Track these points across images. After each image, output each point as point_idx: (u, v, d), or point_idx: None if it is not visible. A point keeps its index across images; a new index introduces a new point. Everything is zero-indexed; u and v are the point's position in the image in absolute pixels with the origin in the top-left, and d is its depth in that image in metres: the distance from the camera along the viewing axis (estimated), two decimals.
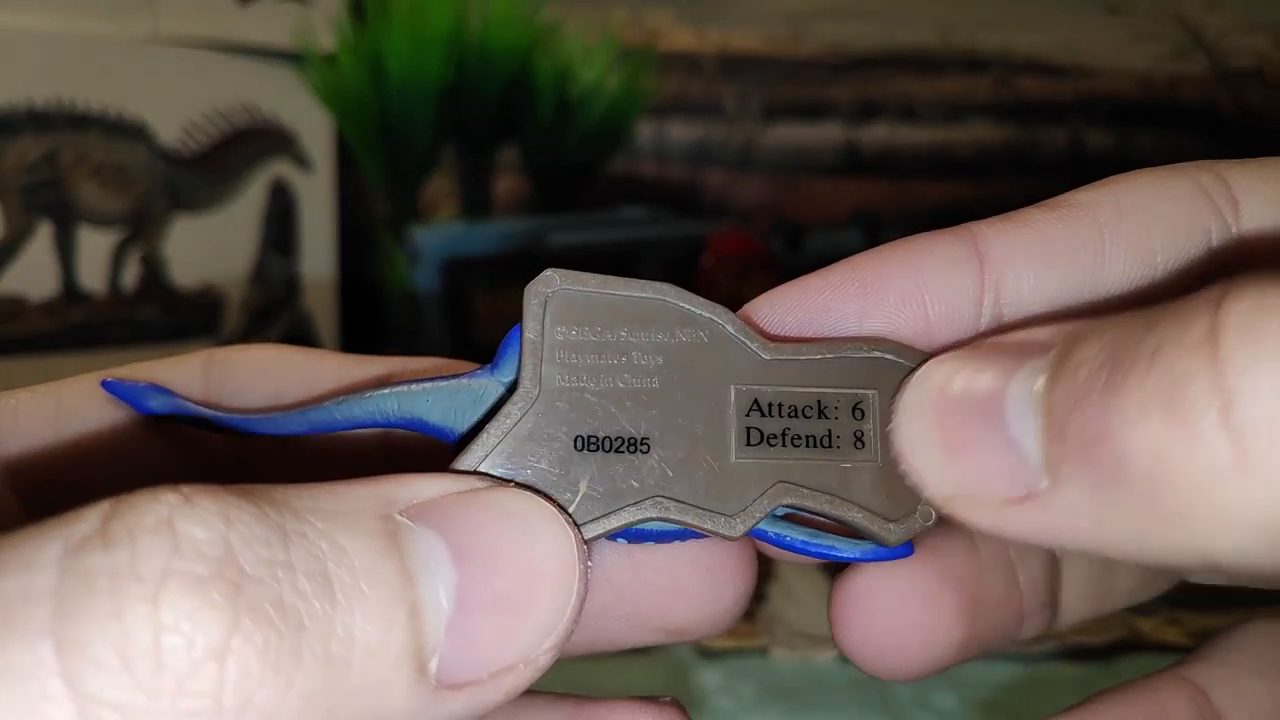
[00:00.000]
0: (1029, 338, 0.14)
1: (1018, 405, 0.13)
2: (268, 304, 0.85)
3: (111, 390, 0.18)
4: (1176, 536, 0.11)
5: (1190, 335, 0.11)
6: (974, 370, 0.14)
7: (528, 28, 0.82)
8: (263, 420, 0.17)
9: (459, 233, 0.77)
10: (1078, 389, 0.12)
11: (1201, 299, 0.11)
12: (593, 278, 0.16)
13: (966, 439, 0.14)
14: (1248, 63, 1.11)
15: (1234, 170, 0.16)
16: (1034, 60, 1.08)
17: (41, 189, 0.76)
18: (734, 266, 0.81)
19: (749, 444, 0.16)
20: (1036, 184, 1.09)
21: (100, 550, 0.10)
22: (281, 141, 0.85)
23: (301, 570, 0.11)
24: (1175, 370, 0.11)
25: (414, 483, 0.13)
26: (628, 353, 0.16)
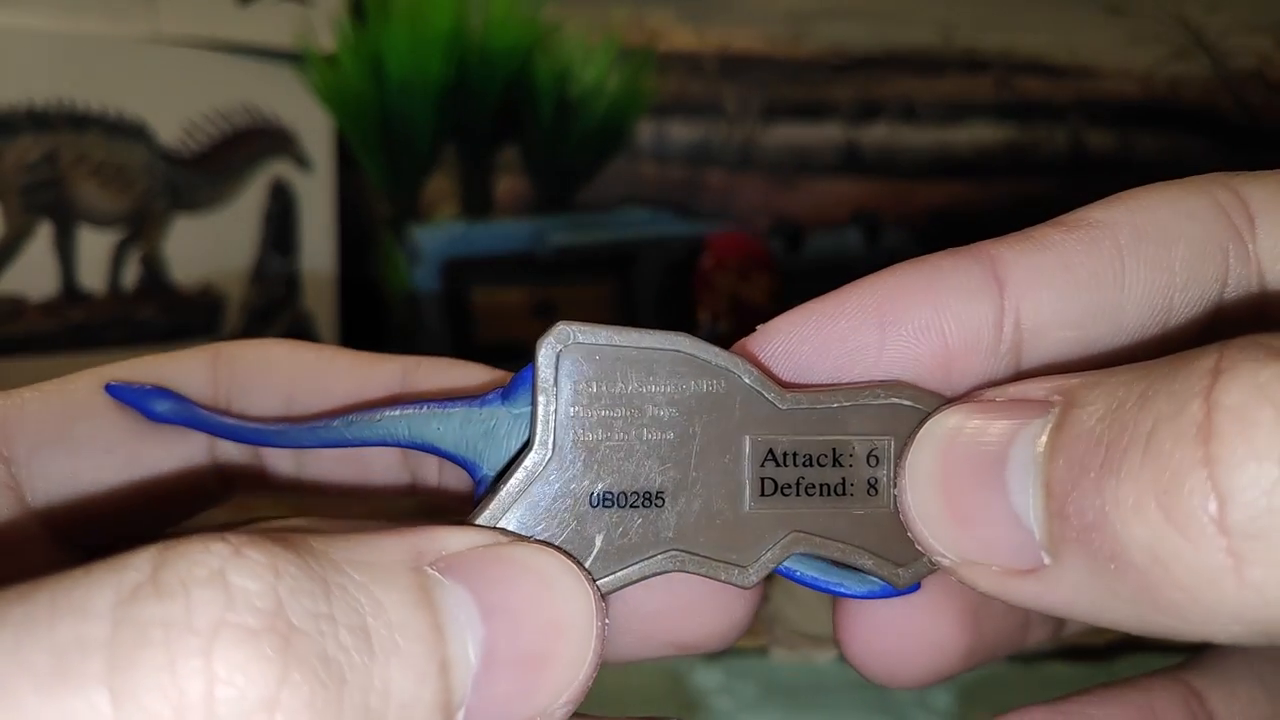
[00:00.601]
0: (1026, 394, 0.14)
1: (1018, 475, 0.13)
2: (268, 304, 0.85)
3: (116, 395, 0.17)
4: (1173, 625, 0.11)
5: (1184, 421, 0.11)
6: (975, 433, 0.14)
7: (528, 28, 0.82)
8: (273, 433, 0.17)
9: (459, 232, 0.77)
10: (1075, 466, 0.12)
11: (1195, 371, 0.11)
12: (605, 329, 0.16)
13: (971, 510, 0.14)
14: (1249, 63, 1.11)
15: (1250, 186, 0.16)
16: (1035, 60, 1.08)
17: (41, 189, 0.76)
18: (734, 267, 0.81)
19: (763, 494, 0.16)
20: (1037, 184, 1.09)
21: (153, 600, 0.10)
22: (282, 141, 0.85)
23: (344, 623, 0.11)
24: (1170, 463, 0.11)
25: (443, 536, 0.13)
26: (642, 405, 0.16)
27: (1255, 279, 0.16)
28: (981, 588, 0.14)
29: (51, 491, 0.18)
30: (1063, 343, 0.16)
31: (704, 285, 0.80)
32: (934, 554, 0.14)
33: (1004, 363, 0.16)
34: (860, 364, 0.16)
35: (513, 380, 0.17)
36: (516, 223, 0.81)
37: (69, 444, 0.18)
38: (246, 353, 0.19)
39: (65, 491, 0.18)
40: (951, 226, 1.08)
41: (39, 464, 0.18)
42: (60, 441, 0.18)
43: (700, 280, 0.80)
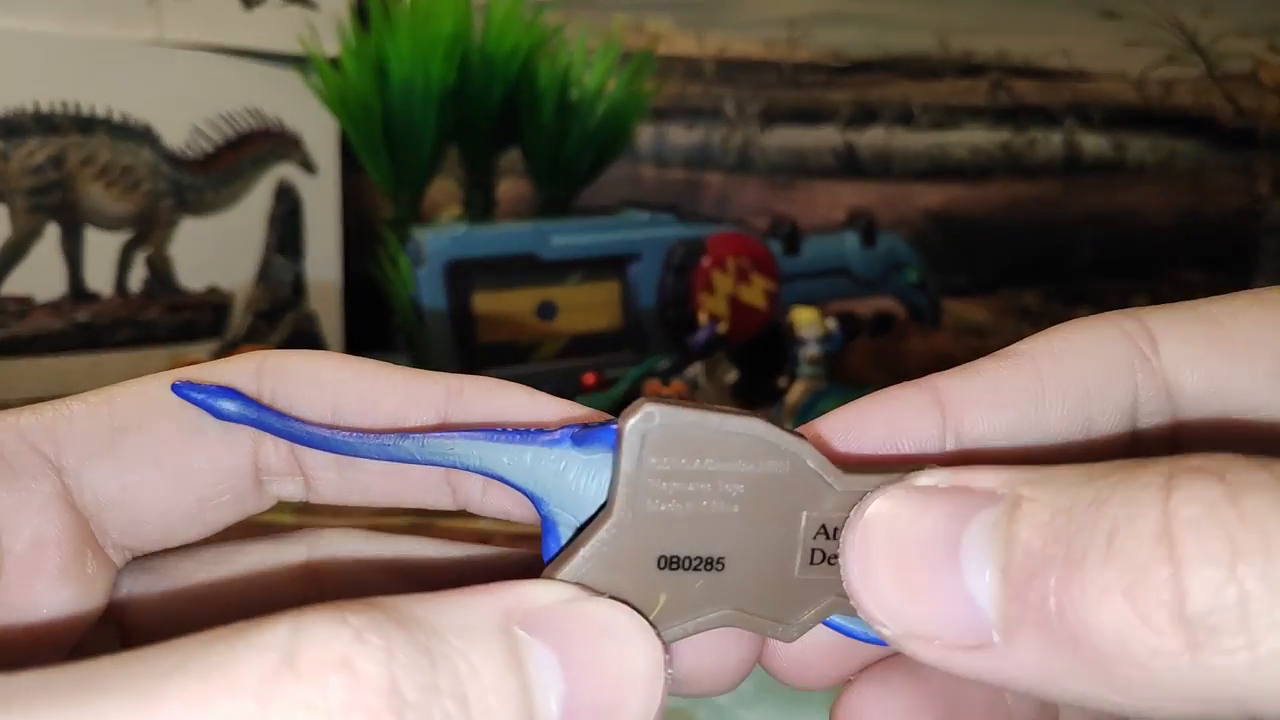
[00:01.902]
0: (970, 483, 0.15)
1: (973, 560, 0.14)
2: (273, 305, 0.86)
3: (183, 394, 0.18)
4: (1125, 701, 0.13)
5: (1144, 527, 0.13)
6: (927, 515, 0.15)
7: (529, 32, 0.82)
8: (342, 443, 0.18)
9: (461, 234, 0.78)
10: (1035, 558, 0.13)
11: (1149, 484, 0.13)
12: (689, 412, 0.17)
13: (920, 586, 0.15)
14: (1242, 66, 1.11)
15: (1153, 315, 0.19)
16: (1030, 64, 1.09)
17: (48, 191, 0.77)
18: (732, 268, 0.82)
19: (812, 563, 0.18)
20: (1032, 187, 1.10)
21: (293, 683, 0.12)
22: (286, 144, 0.85)
23: (447, 692, 0.13)
24: (1134, 562, 0.12)
25: (528, 592, 0.15)
26: (714, 480, 0.17)
27: (1163, 390, 0.18)
28: (923, 658, 0.15)
29: (100, 501, 0.18)
30: (998, 455, 0.18)
31: (703, 286, 0.81)
32: (877, 625, 0.16)
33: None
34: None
35: (588, 432, 0.18)
36: (518, 225, 0.82)
37: (117, 455, 0.18)
38: (292, 363, 0.19)
39: (112, 501, 0.18)
40: (947, 228, 1.09)
41: (86, 475, 0.18)
42: (108, 452, 0.18)
43: (699, 282, 0.81)
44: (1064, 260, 1.11)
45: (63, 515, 0.18)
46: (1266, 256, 1.13)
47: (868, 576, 0.16)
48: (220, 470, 0.19)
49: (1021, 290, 1.10)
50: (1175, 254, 1.12)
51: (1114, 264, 1.11)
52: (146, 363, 0.78)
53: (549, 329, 0.80)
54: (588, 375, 0.74)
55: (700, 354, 0.73)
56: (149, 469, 0.18)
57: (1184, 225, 1.12)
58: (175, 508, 0.19)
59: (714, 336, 0.73)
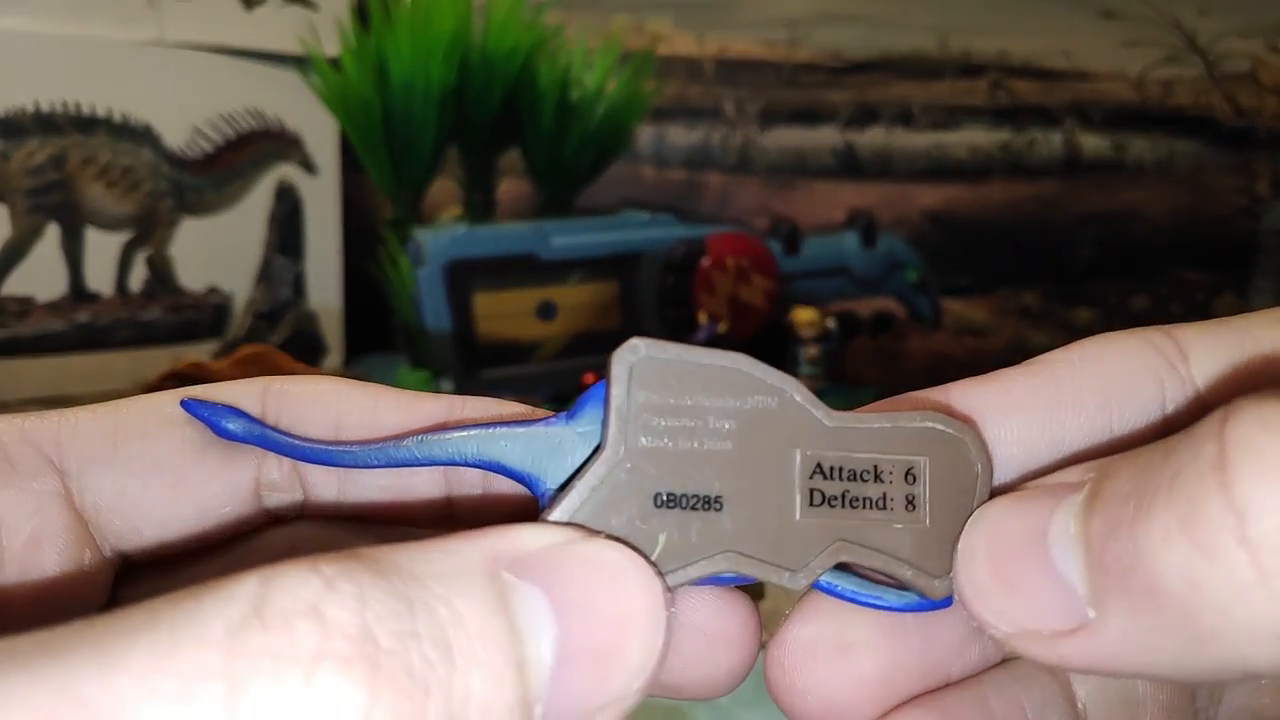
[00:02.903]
0: (1062, 479, 0.15)
1: (1060, 541, 0.14)
2: (273, 305, 0.86)
3: (191, 410, 0.18)
4: (1215, 654, 0.12)
5: (1201, 459, 0.12)
6: (1017, 513, 0.15)
7: (529, 32, 0.82)
8: (343, 454, 0.18)
9: (461, 234, 0.78)
10: (1111, 520, 0.13)
11: (1209, 422, 0.12)
12: (673, 346, 0.17)
13: (1017, 578, 0.15)
14: (1241, 66, 1.11)
15: (1181, 329, 0.18)
16: (1029, 64, 1.09)
17: (49, 191, 0.77)
18: (732, 268, 0.82)
19: (811, 504, 0.18)
20: (1032, 187, 1.10)
21: (260, 632, 0.11)
22: (287, 145, 0.86)
23: (426, 637, 0.12)
24: (1191, 494, 0.12)
25: (516, 535, 0.14)
26: (704, 416, 0.17)
27: (1194, 401, 0.18)
28: (1037, 656, 0.15)
29: (100, 505, 0.18)
30: (1011, 459, 0.18)
31: (703, 286, 0.81)
32: (990, 628, 0.16)
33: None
34: None
35: (577, 401, 0.18)
36: (518, 225, 0.82)
37: (118, 462, 0.18)
38: (296, 387, 0.19)
39: (112, 506, 0.18)
40: (947, 228, 1.09)
41: (89, 479, 0.18)
42: (109, 459, 0.18)
43: (699, 282, 0.81)
44: (1063, 260, 1.11)
45: (62, 515, 0.18)
46: (1266, 256, 1.13)
47: (972, 580, 0.16)
48: (221, 483, 0.19)
49: (1021, 290, 1.10)
50: (1175, 254, 1.12)
51: (1114, 264, 1.11)
52: (147, 363, 0.78)
53: (549, 329, 0.80)
54: (588, 375, 0.74)
55: None
56: (150, 477, 0.18)
57: (1183, 225, 1.13)
58: (174, 517, 0.19)
59: (714, 336, 0.73)
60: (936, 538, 0.18)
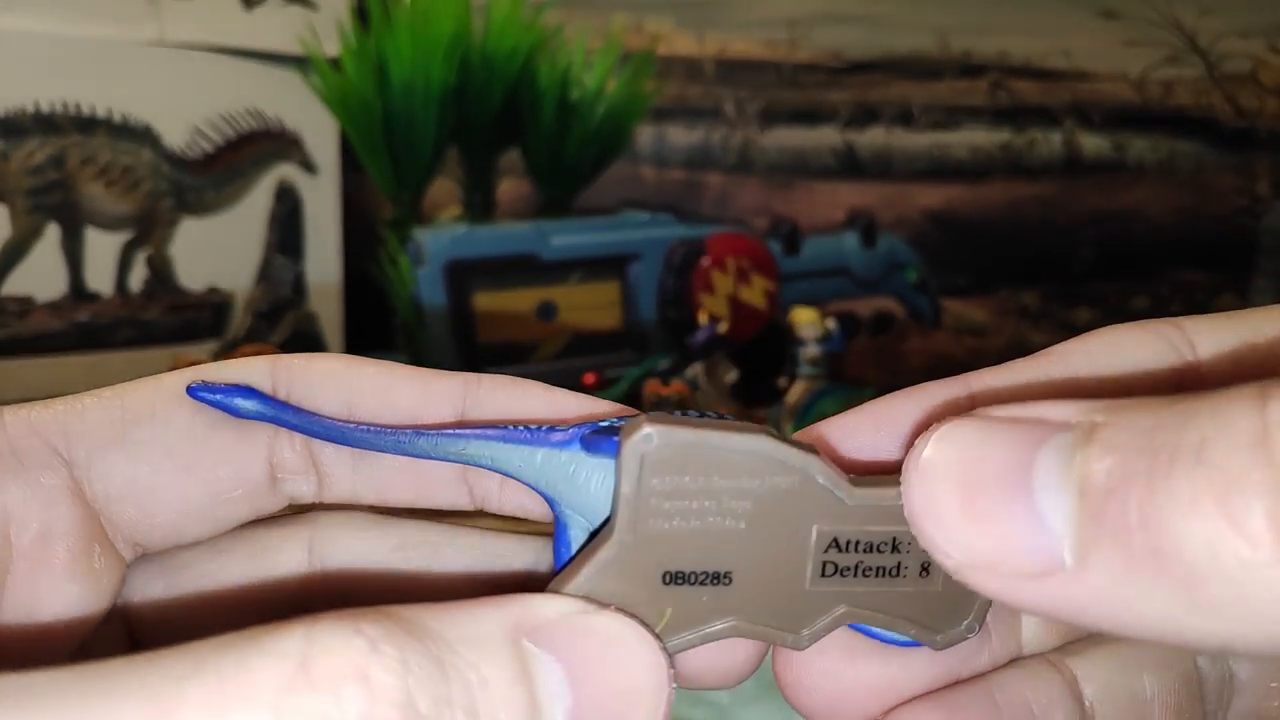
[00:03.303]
0: (1047, 413, 0.14)
1: (1047, 480, 0.14)
2: (273, 305, 0.86)
3: (198, 395, 0.18)
4: (1208, 624, 0.12)
5: (1237, 431, 0.12)
6: (1000, 439, 0.14)
7: (530, 32, 0.82)
8: (359, 435, 0.18)
9: (462, 234, 0.78)
10: (1116, 473, 0.13)
11: (1243, 397, 0.12)
12: (689, 431, 0.16)
13: (988, 510, 0.14)
14: (1242, 67, 1.11)
15: (1191, 321, 0.18)
16: (1030, 65, 1.09)
17: (49, 191, 0.77)
18: (732, 269, 0.82)
19: (823, 575, 0.17)
20: (1032, 187, 1.10)
21: (309, 694, 0.12)
22: (287, 145, 0.86)
23: (458, 704, 0.13)
24: (1228, 467, 0.12)
25: (536, 605, 0.15)
26: (719, 496, 0.17)
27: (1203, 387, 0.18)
28: (989, 591, 0.14)
29: (111, 494, 0.18)
30: None
31: (703, 287, 0.81)
32: (940, 553, 0.15)
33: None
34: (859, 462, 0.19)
35: (595, 439, 0.18)
36: (518, 225, 0.82)
37: (127, 448, 0.18)
38: (306, 364, 0.19)
39: (123, 494, 0.18)
40: (947, 228, 1.09)
41: (98, 467, 0.18)
42: (118, 445, 0.18)
43: (699, 282, 0.81)
44: (1064, 260, 1.11)
45: (72, 509, 0.18)
46: (1266, 256, 1.13)
47: (931, 502, 0.15)
48: (234, 465, 0.19)
49: (1021, 290, 1.10)
50: (1175, 254, 1.12)
51: (1114, 264, 1.11)
52: (147, 363, 0.78)
53: (549, 329, 0.80)
54: (588, 375, 0.74)
55: (700, 354, 0.73)
56: (161, 461, 0.18)
57: (1184, 225, 1.13)
58: (186, 502, 0.19)
59: (714, 336, 0.73)
60: (946, 600, 0.18)
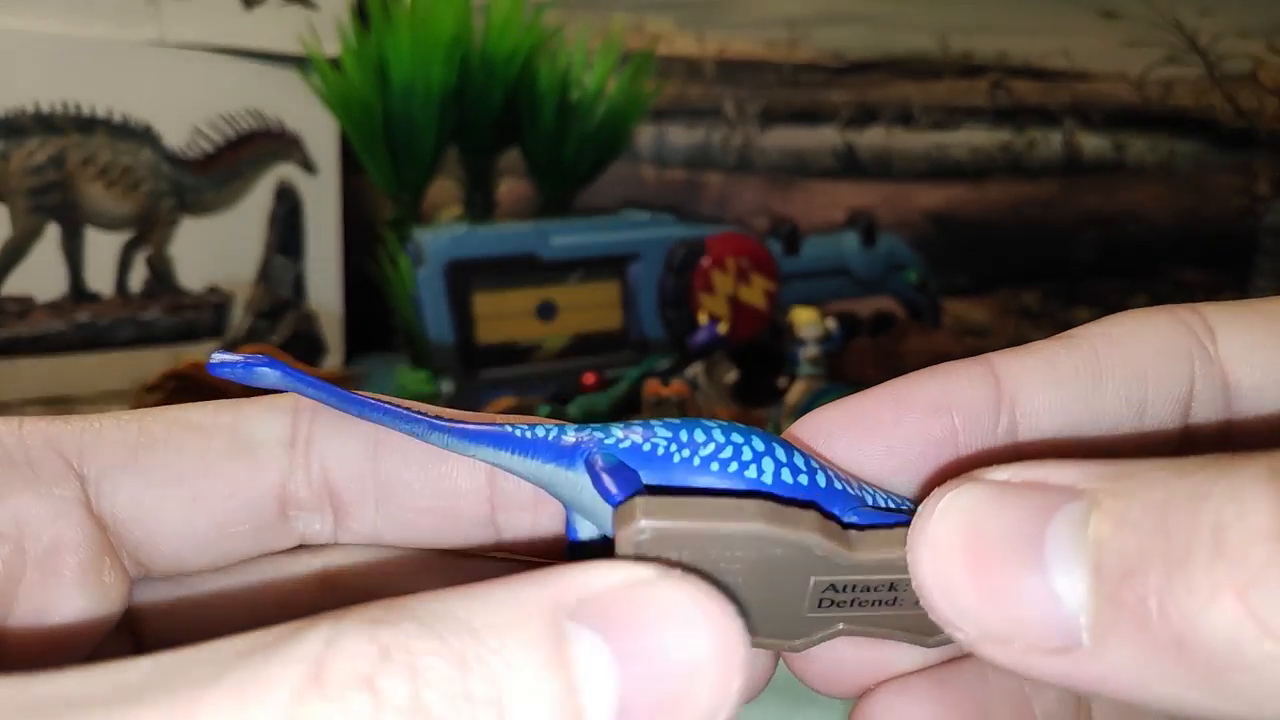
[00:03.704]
0: (1053, 479, 0.14)
1: (1059, 558, 0.13)
2: (273, 305, 0.86)
3: (218, 370, 0.17)
4: (1228, 705, 0.12)
5: (1257, 522, 0.12)
6: (1007, 509, 0.14)
7: (530, 32, 0.82)
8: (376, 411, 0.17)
9: (461, 234, 0.78)
10: (1130, 556, 0.13)
11: (1257, 480, 0.12)
12: (682, 515, 0.16)
13: (1001, 585, 0.14)
14: (1242, 67, 1.11)
15: (1211, 309, 0.18)
16: (1030, 65, 1.09)
17: (49, 191, 0.77)
18: (732, 268, 0.82)
19: (820, 606, 0.17)
20: (1032, 187, 1.10)
21: (320, 702, 0.12)
22: (287, 145, 0.86)
23: (480, 698, 0.12)
24: (1248, 560, 0.12)
25: (583, 576, 0.14)
26: (715, 563, 0.16)
27: (1220, 382, 0.18)
28: (1001, 662, 0.14)
29: (118, 515, 0.18)
30: (1051, 430, 0.18)
31: (703, 287, 0.81)
32: (952, 626, 0.14)
33: (1002, 443, 0.18)
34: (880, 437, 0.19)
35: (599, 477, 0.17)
36: (518, 225, 0.82)
37: (137, 471, 0.18)
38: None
39: (130, 516, 0.18)
40: (947, 229, 1.09)
41: (107, 486, 0.18)
42: (129, 467, 0.18)
43: (699, 282, 0.81)
44: (1064, 260, 1.11)
45: (83, 522, 0.18)
46: (1266, 256, 1.13)
47: (941, 576, 0.14)
48: (242, 497, 0.19)
49: (1021, 290, 1.10)
50: (1175, 254, 1.12)
51: (1114, 264, 1.11)
52: (147, 363, 0.78)
53: (549, 329, 0.80)
54: (588, 375, 0.74)
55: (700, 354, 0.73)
56: (169, 487, 0.18)
57: (1184, 225, 1.13)
58: (191, 532, 0.18)
59: (714, 336, 0.73)
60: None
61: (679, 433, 0.17)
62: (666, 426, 0.17)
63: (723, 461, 0.17)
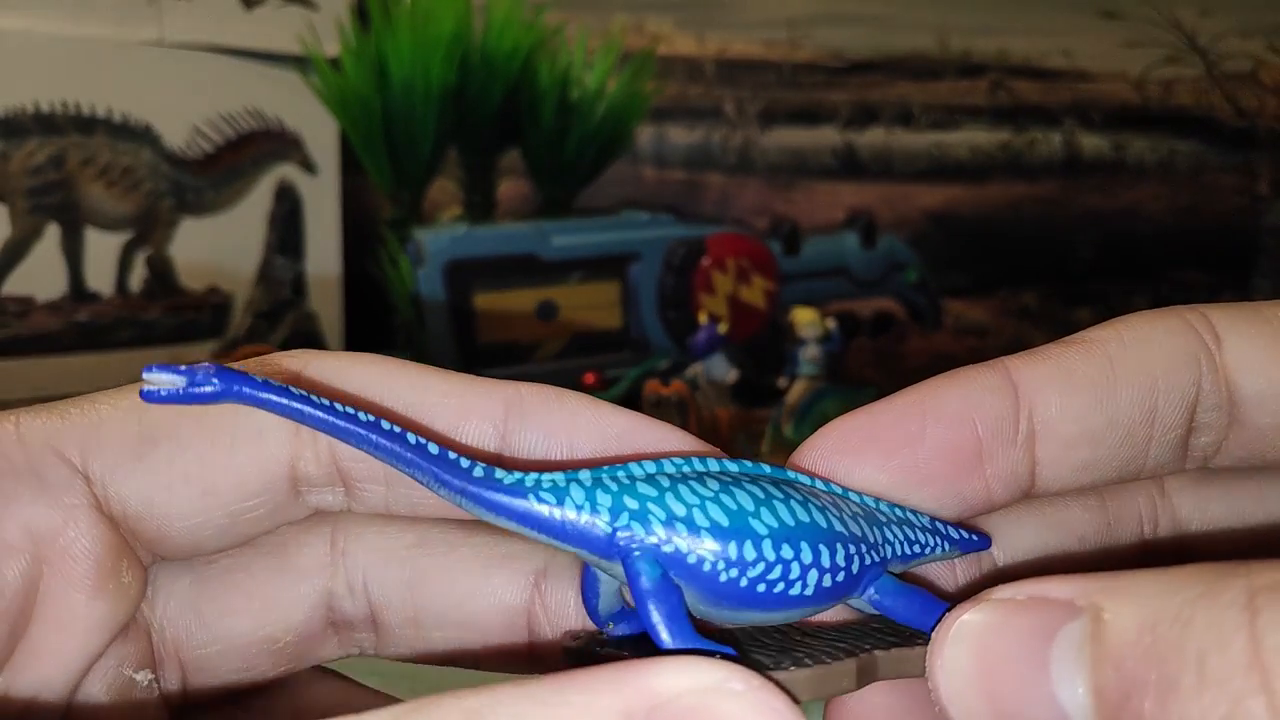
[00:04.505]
0: (1046, 594, 0.15)
1: (1063, 675, 0.14)
2: (273, 305, 0.86)
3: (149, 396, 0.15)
4: None
5: (1234, 654, 0.13)
6: (1012, 631, 0.15)
7: (529, 32, 0.82)
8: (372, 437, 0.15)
9: (462, 234, 0.78)
10: (1127, 680, 0.13)
11: (1231, 603, 0.13)
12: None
13: (1012, 700, 0.15)
14: (1242, 67, 1.12)
15: (1216, 311, 0.19)
16: (1030, 65, 1.09)
17: (49, 191, 0.77)
18: (732, 268, 0.82)
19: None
20: (1032, 187, 1.10)
21: None
22: (287, 145, 0.86)
23: None
24: (1228, 691, 0.12)
25: (655, 677, 0.13)
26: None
27: (1223, 387, 0.19)
28: None
29: (129, 513, 0.18)
30: (1068, 436, 0.19)
31: (703, 286, 0.81)
32: None
33: (1022, 451, 0.19)
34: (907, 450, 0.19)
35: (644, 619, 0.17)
36: (518, 225, 0.82)
37: (146, 468, 0.18)
38: (336, 365, 0.18)
39: (141, 514, 0.18)
40: (947, 229, 1.09)
41: (114, 486, 0.17)
42: (136, 464, 0.17)
43: (699, 282, 0.81)
44: (1064, 260, 1.11)
45: (95, 526, 0.17)
46: (1266, 256, 1.13)
47: (959, 690, 0.15)
48: (253, 484, 0.18)
49: (1021, 290, 1.10)
50: (1175, 254, 1.12)
51: (1114, 264, 1.11)
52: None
53: (549, 329, 0.80)
54: (588, 375, 0.74)
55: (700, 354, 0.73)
56: (178, 484, 0.18)
57: (1184, 225, 1.13)
58: (205, 523, 0.18)
59: (714, 336, 0.73)
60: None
61: (728, 545, 0.16)
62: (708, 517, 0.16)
63: (770, 583, 0.17)
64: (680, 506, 0.16)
